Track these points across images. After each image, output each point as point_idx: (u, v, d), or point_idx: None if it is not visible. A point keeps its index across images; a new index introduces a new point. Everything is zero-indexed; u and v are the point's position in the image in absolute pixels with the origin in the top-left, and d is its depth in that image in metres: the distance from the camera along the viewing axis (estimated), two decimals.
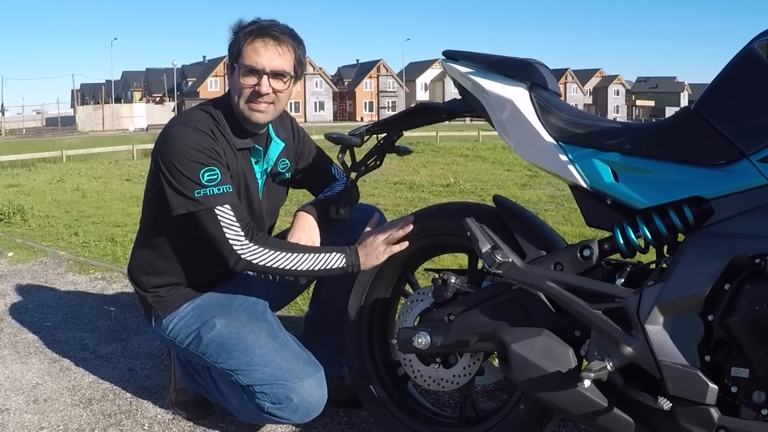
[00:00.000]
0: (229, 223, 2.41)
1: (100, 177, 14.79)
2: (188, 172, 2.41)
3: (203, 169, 2.41)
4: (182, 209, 2.43)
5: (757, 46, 1.81)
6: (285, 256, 2.42)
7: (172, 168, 2.42)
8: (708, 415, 1.78)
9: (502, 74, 2.21)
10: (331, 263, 2.44)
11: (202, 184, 2.40)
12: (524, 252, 2.16)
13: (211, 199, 2.40)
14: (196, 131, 2.45)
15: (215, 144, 2.47)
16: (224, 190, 2.42)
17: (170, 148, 2.44)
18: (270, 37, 2.48)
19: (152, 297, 2.68)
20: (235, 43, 2.51)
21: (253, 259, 2.41)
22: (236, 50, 2.49)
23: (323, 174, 2.88)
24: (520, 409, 2.21)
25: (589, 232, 5.83)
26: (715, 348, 1.79)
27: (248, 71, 2.46)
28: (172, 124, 2.54)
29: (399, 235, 2.44)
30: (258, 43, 2.47)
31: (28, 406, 2.95)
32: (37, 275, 5.33)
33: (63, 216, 8.73)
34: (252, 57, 2.46)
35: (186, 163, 2.41)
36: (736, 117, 1.82)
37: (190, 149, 2.41)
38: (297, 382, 2.39)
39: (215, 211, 2.40)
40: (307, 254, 2.44)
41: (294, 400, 2.39)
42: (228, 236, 2.40)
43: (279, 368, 2.41)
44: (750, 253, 1.73)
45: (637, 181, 1.93)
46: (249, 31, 2.49)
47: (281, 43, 2.49)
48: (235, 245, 2.40)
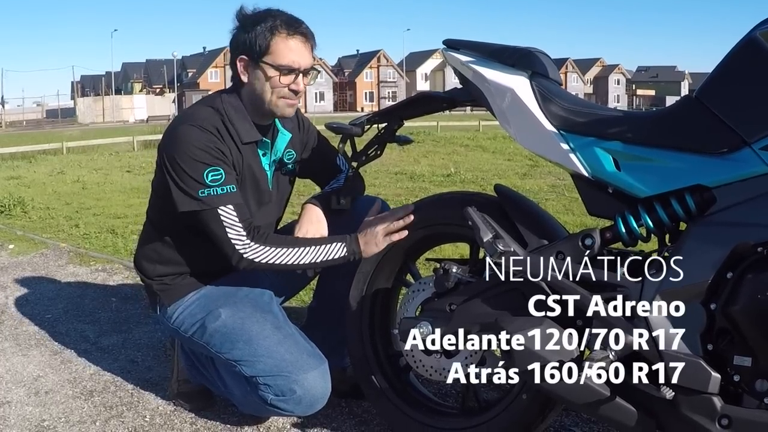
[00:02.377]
0: (232, 223, 2.41)
1: (101, 169, 14.78)
2: (192, 171, 2.41)
3: (207, 169, 2.41)
4: (186, 207, 2.43)
5: (759, 35, 1.81)
6: (286, 252, 2.43)
7: (177, 167, 2.43)
8: (710, 403, 1.78)
9: (503, 63, 2.20)
10: (333, 253, 2.45)
11: (206, 184, 2.41)
12: (526, 241, 2.15)
13: (214, 200, 2.41)
14: (201, 130, 2.44)
15: (220, 143, 2.46)
16: (228, 190, 2.43)
17: (176, 147, 2.44)
18: (301, 35, 2.49)
19: (158, 285, 2.68)
20: (258, 37, 2.45)
21: (256, 257, 2.42)
22: (263, 45, 2.45)
23: (328, 164, 2.87)
24: (522, 398, 2.21)
25: (590, 221, 5.83)
26: (717, 337, 1.79)
27: (288, 70, 2.46)
28: (179, 122, 2.53)
29: (399, 225, 2.44)
30: (293, 41, 2.47)
31: (29, 399, 2.94)
32: (37, 267, 5.32)
33: (63, 208, 8.74)
34: (288, 56, 2.45)
35: (190, 162, 2.41)
36: (737, 105, 1.82)
37: (194, 149, 2.41)
38: (300, 374, 2.39)
39: (218, 211, 2.41)
40: (309, 247, 2.45)
41: (297, 392, 2.39)
42: (230, 236, 2.41)
43: (283, 360, 2.41)
44: (752, 241, 1.73)
45: (639, 169, 1.92)
46: (275, 25, 2.46)
47: (309, 39, 2.52)
48: (237, 245, 2.41)
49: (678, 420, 1.83)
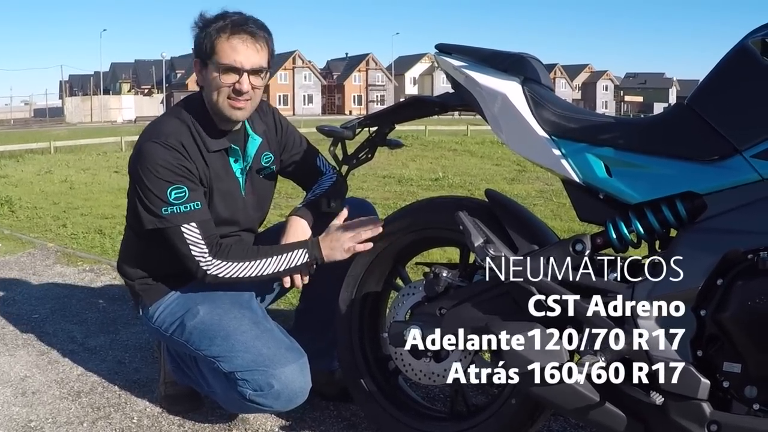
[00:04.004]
0: (195, 240, 2.44)
1: (89, 168, 14.72)
2: (156, 189, 2.43)
3: (171, 187, 2.43)
4: (151, 225, 2.47)
5: (751, 43, 1.82)
6: (248, 265, 2.46)
7: (142, 184, 2.46)
8: (700, 409, 1.78)
9: (495, 68, 2.20)
10: (294, 261, 2.47)
11: (170, 202, 2.43)
12: (516, 246, 2.16)
13: (177, 218, 2.43)
14: (165, 148, 2.44)
15: (185, 160, 2.47)
16: (192, 208, 2.45)
17: (141, 165, 2.46)
18: (247, 34, 2.46)
19: (139, 285, 2.69)
20: (206, 38, 2.46)
21: (219, 273, 2.45)
22: (209, 46, 2.46)
23: (308, 166, 2.86)
24: (512, 403, 2.21)
25: (577, 226, 5.85)
26: (707, 343, 1.80)
27: (228, 69, 2.45)
28: (144, 139, 2.52)
29: (366, 236, 2.46)
30: (235, 40, 2.44)
31: (16, 399, 2.93)
32: (25, 267, 5.30)
33: (51, 207, 8.70)
34: (230, 55, 2.44)
35: (154, 180, 2.43)
36: (729, 113, 1.83)
37: (158, 167, 2.43)
38: (278, 369, 2.39)
39: (181, 229, 2.43)
40: (270, 258, 2.47)
41: (275, 386, 2.38)
42: (194, 253, 2.44)
43: (260, 354, 2.41)
44: (743, 248, 1.74)
45: (630, 176, 1.93)
46: (222, 26, 2.45)
47: (257, 39, 2.48)
48: (201, 262, 2.44)
49: (667, 426, 1.84)
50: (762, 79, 1.78)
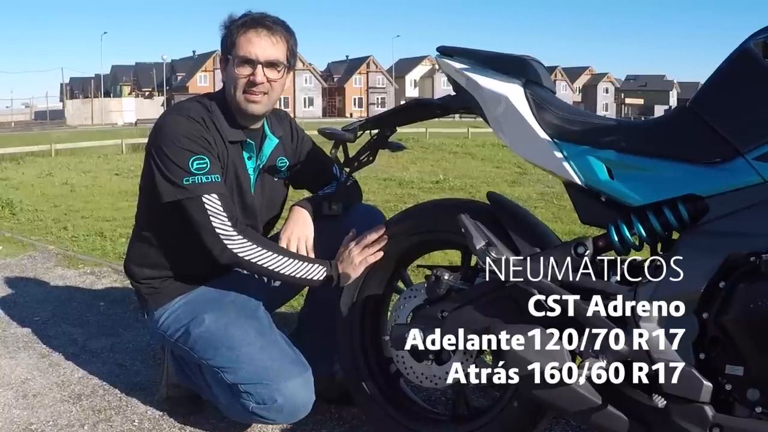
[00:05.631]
0: (216, 212, 2.41)
1: (89, 171, 14.73)
2: (178, 159, 2.42)
3: (193, 157, 2.42)
4: (170, 197, 2.44)
5: (753, 45, 1.81)
6: (271, 255, 2.42)
7: (162, 155, 2.44)
8: (702, 412, 1.78)
9: (497, 71, 2.19)
10: (313, 274, 2.45)
11: (191, 171, 2.41)
12: (518, 249, 2.15)
13: (198, 188, 2.41)
14: (187, 119, 2.47)
15: (206, 133, 2.48)
16: (213, 179, 2.43)
17: (162, 136, 2.47)
18: (263, 27, 2.51)
19: (146, 288, 2.68)
20: (228, 36, 2.53)
21: (240, 251, 2.41)
22: (229, 42, 2.52)
23: (324, 175, 2.87)
24: (514, 406, 2.20)
25: (579, 229, 5.84)
26: (709, 346, 1.80)
27: (243, 61, 2.49)
28: (166, 113, 2.58)
29: (372, 239, 2.44)
30: (251, 33, 2.50)
31: (17, 402, 2.93)
32: (25, 269, 5.29)
33: (52, 210, 8.71)
34: (246, 47, 2.48)
35: (176, 150, 2.43)
36: (731, 115, 1.82)
37: (181, 137, 2.43)
38: (282, 383, 2.38)
39: (202, 199, 2.41)
40: (292, 260, 2.45)
41: (278, 400, 2.38)
42: (215, 225, 2.40)
43: (264, 367, 2.40)
44: (745, 251, 1.73)
45: (633, 178, 1.92)
46: (241, 23, 2.52)
47: (274, 33, 2.52)
48: (222, 235, 2.40)
49: (669, 428, 1.83)
50: (764, 82, 1.78)
